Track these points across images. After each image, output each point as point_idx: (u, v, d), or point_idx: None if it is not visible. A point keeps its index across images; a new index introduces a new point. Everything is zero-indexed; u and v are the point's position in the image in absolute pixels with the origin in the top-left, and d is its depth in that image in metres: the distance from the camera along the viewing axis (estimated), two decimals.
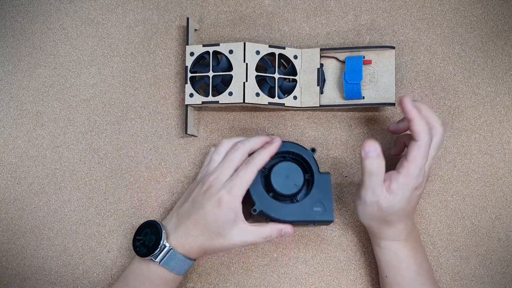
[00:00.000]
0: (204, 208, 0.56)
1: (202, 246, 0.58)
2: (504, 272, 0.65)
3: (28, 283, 0.69)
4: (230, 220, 0.56)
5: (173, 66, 0.70)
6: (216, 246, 0.57)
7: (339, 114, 0.68)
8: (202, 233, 0.57)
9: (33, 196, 0.70)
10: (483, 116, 0.67)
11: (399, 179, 0.54)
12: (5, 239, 0.70)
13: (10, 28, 0.72)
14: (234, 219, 0.56)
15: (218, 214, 0.56)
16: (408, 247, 0.59)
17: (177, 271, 0.58)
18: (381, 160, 0.54)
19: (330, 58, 0.66)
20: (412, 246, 0.59)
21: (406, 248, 0.58)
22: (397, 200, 0.55)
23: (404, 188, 0.54)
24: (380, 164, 0.54)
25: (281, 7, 0.70)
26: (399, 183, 0.54)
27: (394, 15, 0.68)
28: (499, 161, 0.66)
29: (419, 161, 0.54)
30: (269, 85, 0.65)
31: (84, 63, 0.71)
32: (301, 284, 0.66)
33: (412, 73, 0.68)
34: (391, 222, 0.57)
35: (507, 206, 0.66)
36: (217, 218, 0.56)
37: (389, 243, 0.59)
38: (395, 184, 0.54)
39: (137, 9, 0.71)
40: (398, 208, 0.55)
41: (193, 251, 0.58)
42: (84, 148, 0.70)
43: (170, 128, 0.69)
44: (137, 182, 0.69)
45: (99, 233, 0.69)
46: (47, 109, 0.71)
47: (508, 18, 0.68)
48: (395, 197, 0.55)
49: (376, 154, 0.54)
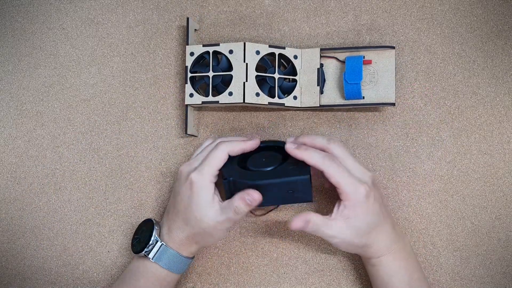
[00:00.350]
0: (180, 194, 0.57)
1: (189, 236, 0.58)
2: (504, 272, 0.65)
3: (28, 283, 0.69)
4: (204, 202, 0.56)
5: (173, 66, 0.70)
6: (200, 233, 0.57)
7: (339, 114, 0.68)
8: (184, 222, 0.58)
9: (33, 196, 0.70)
10: (483, 116, 0.67)
11: (344, 203, 0.55)
12: (5, 239, 0.70)
13: (10, 28, 0.72)
14: (208, 200, 0.56)
15: (191, 196, 0.56)
16: (398, 260, 0.58)
17: (169, 268, 0.58)
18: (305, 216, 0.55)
19: (330, 58, 0.66)
20: (401, 257, 0.58)
21: (396, 261, 0.58)
22: (357, 220, 0.55)
23: (354, 206, 0.54)
24: (314, 220, 0.55)
25: (281, 7, 0.70)
26: (346, 206, 0.55)
27: (394, 15, 0.68)
28: (499, 161, 0.66)
29: (342, 180, 0.54)
30: (269, 85, 0.65)
31: (84, 63, 0.71)
32: (301, 284, 0.66)
33: (412, 73, 0.68)
34: (369, 242, 0.57)
35: (507, 206, 0.66)
36: (191, 200, 0.56)
37: (378, 260, 0.58)
38: (345, 210, 0.55)
39: (137, 9, 0.71)
40: (364, 226, 0.55)
41: (183, 244, 0.59)
42: (84, 148, 0.70)
43: (170, 128, 0.69)
44: (137, 182, 0.69)
45: (99, 233, 0.69)
46: (47, 109, 0.71)
47: (508, 18, 0.68)
48: (354, 219, 0.55)
49: (304, 224, 0.55)
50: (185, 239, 0.59)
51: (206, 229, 0.57)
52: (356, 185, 0.54)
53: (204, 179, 0.56)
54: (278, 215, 0.68)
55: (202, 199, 0.56)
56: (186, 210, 0.57)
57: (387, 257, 0.58)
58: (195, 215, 0.56)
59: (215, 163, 0.57)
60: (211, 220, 0.56)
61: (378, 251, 0.57)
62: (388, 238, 0.57)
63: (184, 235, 0.58)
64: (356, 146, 0.67)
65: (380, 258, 0.58)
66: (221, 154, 0.57)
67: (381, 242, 0.57)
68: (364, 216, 0.55)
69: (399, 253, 0.58)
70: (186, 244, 0.59)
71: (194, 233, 0.58)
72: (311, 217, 0.55)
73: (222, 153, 0.57)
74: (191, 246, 0.59)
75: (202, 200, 0.56)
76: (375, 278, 0.59)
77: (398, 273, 0.58)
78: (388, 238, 0.57)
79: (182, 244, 0.59)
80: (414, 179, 0.67)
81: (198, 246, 0.60)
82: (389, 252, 0.58)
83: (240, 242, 0.68)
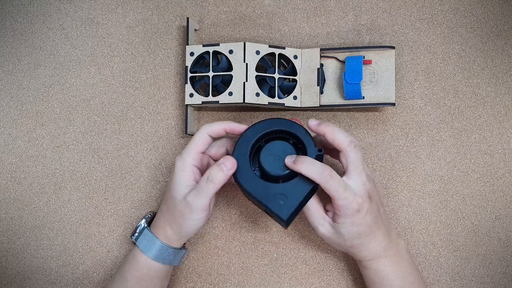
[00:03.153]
0: (168, 181, 0.59)
1: (165, 217, 0.58)
2: (504, 272, 0.65)
3: (28, 283, 0.69)
4: (182, 181, 0.56)
5: (173, 66, 0.70)
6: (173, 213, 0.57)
7: (339, 114, 0.68)
8: (164, 202, 0.59)
9: (33, 196, 0.70)
10: (483, 116, 0.67)
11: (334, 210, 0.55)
12: (5, 239, 0.70)
13: (10, 28, 0.72)
14: (185, 180, 0.56)
15: (171, 178, 0.57)
16: (390, 263, 0.58)
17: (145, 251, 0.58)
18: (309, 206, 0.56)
19: (330, 58, 0.66)
20: (394, 261, 0.58)
21: (388, 264, 0.58)
22: (343, 227, 0.55)
23: (342, 217, 0.54)
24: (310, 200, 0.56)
25: (281, 7, 0.70)
26: (335, 214, 0.55)
27: (394, 15, 0.68)
28: (499, 161, 0.66)
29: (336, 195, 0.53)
30: (269, 85, 0.65)
31: (84, 63, 0.71)
32: (301, 284, 0.66)
33: (412, 73, 0.68)
34: (356, 246, 0.57)
35: (507, 206, 0.66)
36: (171, 181, 0.57)
37: (369, 263, 0.58)
38: (334, 215, 0.55)
39: (137, 9, 0.71)
40: (349, 234, 0.55)
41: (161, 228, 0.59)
42: (84, 148, 0.70)
43: (170, 128, 0.69)
44: (137, 182, 0.69)
45: (99, 233, 0.69)
46: (47, 109, 0.71)
47: (508, 18, 0.68)
48: (340, 225, 0.55)
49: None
50: (162, 221, 0.59)
51: (178, 207, 0.56)
52: (349, 200, 0.53)
53: (183, 161, 0.57)
54: None
55: (179, 179, 0.56)
56: (166, 192, 0.59)
57: (377, 261, 0.57)
58: (171, 194, 0.57)
59: (193, 145, 0.57)
60: (183, 197, 0.56)
61: (368, 256, 0.57)
62: (378, 246, 0.57)
63: (162, 217, 0.59)
64: None
65: (370, 262, 0.58)
66: (200, 136, 0.57)
67: (371, 249, 0.57)
68: (351, 227, 0.55)
69: (391, 258, 0.58)
70: (163, 228, 0.59)
71: (169, 213, 0.58)
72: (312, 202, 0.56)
73: (201, 134, 0.57)
74: (166, 230, 0.58)
75: (179, 180, 0.56)
76: (367, 279, 0.60)
77: (390, 277, 0.57)
78: (379, 245, 0.57)
79: (160, 228, 0.59)
80: (414, 179, 0.67)
81: (173, 233, 0.58)
82: (380, 257, 0.57)
83: (240, 242, 0.68)
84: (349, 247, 0.57)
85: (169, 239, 0.59)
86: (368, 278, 0.59)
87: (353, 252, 0.58)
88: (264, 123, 0.57)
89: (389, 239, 0.58)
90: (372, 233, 0.56)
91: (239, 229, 0.68)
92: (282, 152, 0.56)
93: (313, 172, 0.54)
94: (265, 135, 0.57)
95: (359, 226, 0.55)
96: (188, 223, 0.57)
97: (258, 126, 0.57)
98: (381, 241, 0.57)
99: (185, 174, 0.56)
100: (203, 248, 0.68)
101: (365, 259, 0.58)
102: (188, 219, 0.56)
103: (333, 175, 0.54)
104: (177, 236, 0.58)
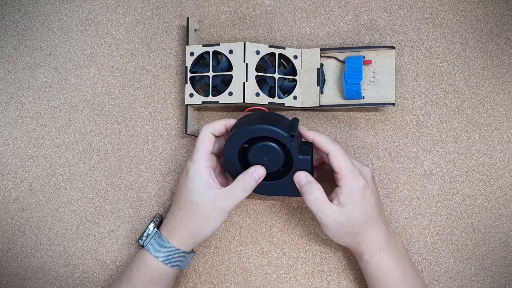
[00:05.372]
0: (179, 183, 0.60)
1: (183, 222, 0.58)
2: (504, 272, 0.65)
3: (28, 283, 0.69)
4: (201, 186, 0.57)
5: (173, 66, 0.70)
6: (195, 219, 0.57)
7: (339, 114, 0.68)
8: (180, 208, 0.58)
9: (33, 196, 0.70)
10: (483, 116, 0.67)
11: (341, 189, 0.56)
12: (5, 239, 0.70)
13: (10, 28, 0.72)
14: (204, 184, 0.57)
15: (186, 182, 0.58)
16: (390, 256, 0.58)
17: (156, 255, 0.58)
18: (313, 184, 0.57)
19: (330, 58, 0.66)
20: (394, 255, 0.59)
21: (389, 257, 0.58)
22: (352, 209, 0.56)
23: (351, 194, 0.56)
24: (314, 187, 0.56)
25: (281, 7, 0.70)
26: (343, 193, 0.56)
27: (394, 15, 0.68)
28: (499, 161, 0.66)
29: (345, 165, 0.56)
30: (269, 85, 0.65)
31: (84, 63, 0.71)
32: (301, 284, 0.66)
33: (412, 73, 0.68)
34: (361, 232, 0.57)
35: (507, 206, 0.66)
36: (186, 185, 0.58)
37: (371, 255, 0.58)
38: (341, 196, 0.56)
39: (137, 9, 0.71)
40: (358, 215, 0.56)
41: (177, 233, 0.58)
42: (84, 148, 0.70)
43: (170, 128, 0.69)
44: (137, 182, 0.69)
45: (99, 233, 0.69)
46: (47, 109, 0.71)
47: (508, 18, 0.68)
48: (349, 206, 0.56)
49: (307, 181, 0.57)
50: (178, 226, 0.58)
51: (203, 211, 0.57)
52: (356, 174, 0.56)
53: (198, 165, 0.57)
54: (278, 215, 0.68)
55: (198, 184, 0.57)
56: (181, 195, 0.58)
57: (380, 253, 0.58)
58: (191, 199, 0.57)
59: (201, 146, 0.58)
60: (209, 202, 0.57)
61: (371, 245, 0.58)
62: (381, 234, 0.58)
63: (178, 221, 0.58)
64: (356, 146, 0.67)
65: (372, 254, 0.58)
66: (205, 136, 0.58)
67: (374, 237, 0.58)
68: (359, 206, 0.56)
69: (392, 251, 0.59)
70: (178, 232, 0.58)
71: (187, 218, 0.58)
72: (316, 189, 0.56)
73: (205, 134, 0.58)
74: (183, 235, 0.58)
75: (199, 185, 0.57)
76: (369, 275, 0.60)
77: (392, 270, 0.58)
78: (381, 234, 0.58)
79: (176, 232, 0.59)
80: (414, 179, 0.67)
81: (191, 236, 0.58)
82: (382, 248, 0.58)
83: (240, 242, 0.68)
84: (355, 235, 0.57)
85: (183, 243, 0.59)
86: (370, 274, 0.59)
87: (357, 241, 0.58)
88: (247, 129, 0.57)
89: (388, 230, 0.59)
90: (376, 218, 0.57)
91: (239, 229, 0.68)
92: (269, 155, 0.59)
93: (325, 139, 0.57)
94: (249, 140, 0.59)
95: (366, 207, 0.56)
96: (212, 226, 0.58)
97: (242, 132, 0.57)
98: (383, 229, 0.58)
99: (204, 179, 0.57)
100: (203, 248, 0.68)
101: (368, 249, 0.58)
102: (214, 221, 0.58)
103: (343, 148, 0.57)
104: (193, 239, 0.59)
